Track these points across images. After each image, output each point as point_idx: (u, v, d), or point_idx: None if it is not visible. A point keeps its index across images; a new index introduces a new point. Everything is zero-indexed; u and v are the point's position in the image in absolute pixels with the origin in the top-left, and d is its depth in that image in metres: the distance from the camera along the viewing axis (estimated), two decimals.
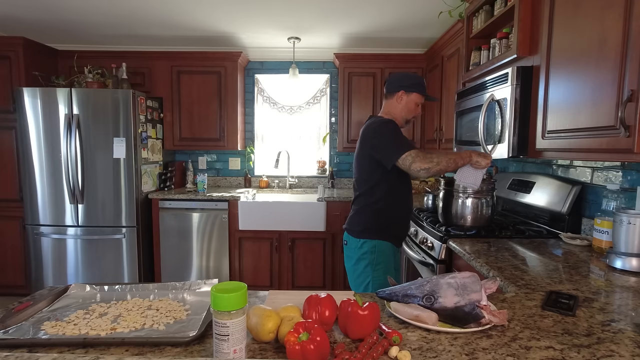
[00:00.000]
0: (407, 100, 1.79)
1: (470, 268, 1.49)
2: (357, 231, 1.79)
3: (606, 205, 1.50)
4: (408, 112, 1.81)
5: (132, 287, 1.08)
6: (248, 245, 3.21)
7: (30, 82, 3.12)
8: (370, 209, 1.77)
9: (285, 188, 3.78)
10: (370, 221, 1.77)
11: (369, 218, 1.77)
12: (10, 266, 3.24)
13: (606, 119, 1.17)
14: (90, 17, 2.84)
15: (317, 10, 2.68)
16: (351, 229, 1.82)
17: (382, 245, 1.75)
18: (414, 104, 1.80)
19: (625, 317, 0.92)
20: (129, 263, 3.05)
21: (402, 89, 1.78)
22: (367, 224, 1.77)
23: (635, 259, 1.24)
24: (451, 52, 2.72)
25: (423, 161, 1.57)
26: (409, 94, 1.79)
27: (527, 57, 1.66)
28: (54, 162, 2.98)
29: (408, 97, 1.79)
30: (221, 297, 0.69)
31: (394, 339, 0.77)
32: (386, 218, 1.77)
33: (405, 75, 1.81)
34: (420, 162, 1.56)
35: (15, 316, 0.88)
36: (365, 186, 1.77)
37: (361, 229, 1.78)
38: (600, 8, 1.20)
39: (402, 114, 1.81)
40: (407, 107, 1.80)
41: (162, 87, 3.43)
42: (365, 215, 1.78)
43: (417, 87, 1.79)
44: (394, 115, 1.80)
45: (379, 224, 1.76)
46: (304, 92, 3.82)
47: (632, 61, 1.06)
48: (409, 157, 1.58)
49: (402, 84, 1.78)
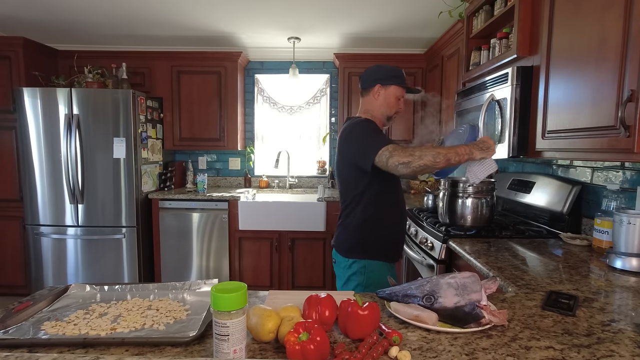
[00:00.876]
0: (385, 95, 1.59)
1: (470, 268, 1.49)
2: (345, 249, 1.60)
3: (606, 205, 1.50)
4: (388, 107, 1.61)
5: (132, 287, 1.08)
6: (248, 245, 3.21)
7: (30, 82, 3.12)
8: (357, 224, 1.56)
9: (285, 188, 3.78)
10: (358, 238, 1.57)
11: (356, 234, 1.57)
12: (10, 266, 3.24)
13: (606, 119, 1.17)
14: (90, 17, 2.84)
15: (317, 10, 2.68)
16: (339, 246, 1.63)
17: (373, 265, 1.56)
18: (393, 98, 1.60)
19: (625, 317, 0.92)
20: (129, 263, 3.05)
21: (378, 83, 1.58)
22: (355, 241, 1.57)
23: (635, 259, 1.24)
24: (451, 52, 2.72)
25: (402, 155, 1.35)
26: (387, 87, 1.59)
27: (527, 57, 1.66)
28: (54, 162, 2.98)
29: (386, 91, 1.59)
30: (221, 297, 0.69)
31: (394, 339, 0.77)
32: (375, 233, 1.56)
33: (380, 68, 1.62)
34: (398, 156, 1.35)
35: (15, 316, 0.88)
36: (349, 198, 1.59)
37: (349, 246, 1.59)
38: (600, 8, 1.20)
39: (382, 111, 1.61)
40: (386, 102, 1.60)
41: (162, 87, 3.43)
42: (352, 231, 1.58)
43: (394, 78, 1.59)
44: (373, 113, 1.61)
45: (368, 241, 1.56)
46: (304, 92, 3.82)
47: (632, 61, 1.06)
48: (385, 152, 1.37)
49: (377, 77, 1.59)
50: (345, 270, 1.59)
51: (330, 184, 3.74)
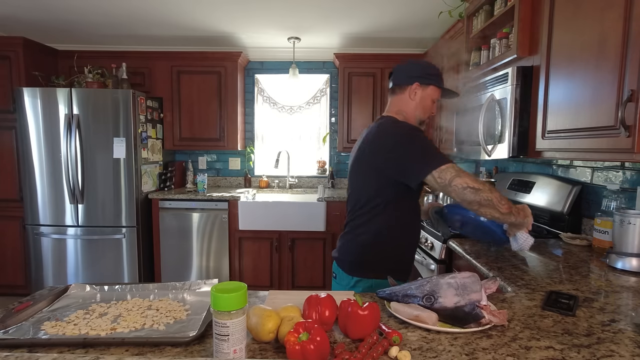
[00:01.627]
0: (422, 95, 1.39)
1: (470, 268, 1.49)
2: (350, 265, 1.38)
3: (606, 205, 1.50)
4: (423, 110, 1.42)
5: (132, 287, 1.08)
6: (248, 245, 3.21)
7: (30, 82, 3.11)
8: (368, 240, 1.35)
9: (285, 188, 3.78)
10: (369, 254, 1.36)
11: (367, 250, 1.35)
12: (10, 266, 3.24)
13: (606, 119, 1.17)
14: (90, 17, 2.84)
15: (317, 10, 2.68)
16: (342, 259, 1.40)
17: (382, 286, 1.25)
18: (430, 100, 1.41)
19: (625, 317, 0.92)
20: (129, 263, 3.05)
21: (417, 81, 1.38)
22: (364, 257, 1.36)
23: (635, 259, 1.24)
24: (451, 52, 2.72)
25: (471, 179, 1.19)
26: (425, 87, 1.39)
27: (527, 57, 1.66)
28: (54, 162, 2.98)
29: (423, 91, 1.39)
30: (221, 297, 0.69)
31: (394, 339, 0.77)
32: (390, 251, 1.36)
33: (419, 64, 1.43)
34: (468, 178, 1.18)
35: (15, 316, 0.88)
36: (364, 208, 1.36)
37: (355, 263, 1.37)
38: (600, 8, 1.20)
39: (416, 113, 1.41)
40: (422, 104, 1.40)
41: (162, 87, 3.43)
42: (361, 247, 1.36)
43: (434, 78, 1.40)
44: (406, 115, 1.40)
45: (380, 259, 1.35)
46: (304, 92, 3.82)
47: (632, 61, 1.07)
48: (450, 170, 1.19)
49: (416, 73, 1.39)
50: (347, 289, 1.38)
51: (330, 184, 3.74)
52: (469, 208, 1.22)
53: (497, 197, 1.20)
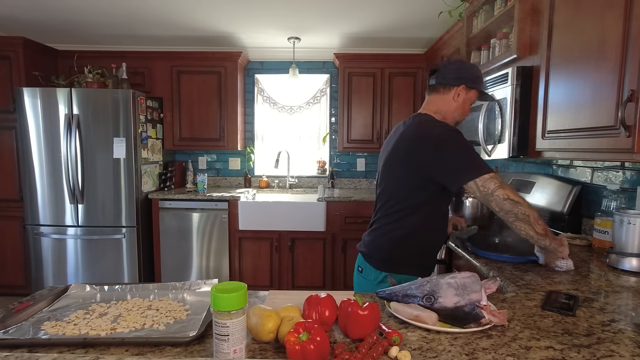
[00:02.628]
0: (465, 98, 1.37)
1: (471, 268, 1.49)
2: (379, 260, 1.40)
3: (606, 205, 1.50)
4: (462, 113, 1.40)
5: (132, 287, 1.08)
6: (248, 245, 3.21)
7: (30, 82, 3.11)
8: (399, 237, 1.37)
9: (285, 188, 3.78)
10: (400, 251, 1.38)
11: (395, 247, 1.38)
12: (10, 266, 3.24)
13: (606, 119, 1.17)
14: (90, 17, 2.84)
15: (317, 10, 2.68)
16: (371, 254, 1.42)
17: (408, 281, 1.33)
18: (470, 103, 1.40)
19: (625, 317, 0.92)
20: (129, 263, 3.05)
21: (464, 83, 1.35)
22: (395, 254, 1.38)
23: (635, 259, 1.24)
24: (451, 52, 2.72)
25: (513, 192, 1.20)
26: (469, 90, 1.37)
27: (527, 57, 1.66)
28: (54, 162, 2.98)
29: (467, 94, 1.37)
30: (221, 297, 0.69)
31: (394, 339, 0.77)
32: (419, 249, 1.39)
33: (466, 66, 1.40)
34: (509, 190, 1.19)
35: (15, 316, 0.88)
36: (396, 206, 1.37)
37: (385, 258, 1.39)
38: (600, 8, 1.20)
39: (455, 115, 1.39)
40: (463, 106, 1.39)
41: (162, 87, 3.43)
42: (392, 243, 1.38)
43: (479, 82, 1.39)
44: (445, 115, 1.38)
45: (409, 255, 1.38)
46: (304, 92, 3.82)
47: (632, 61, 1.06)
48: (494, 180, 1.20)
49: (464, 75, 1.36)
50: (374, 283, 1.39)
51: (330, 184, 3.74)
52: (505, 219, 1.22)
53: (534, 215, 1.19)
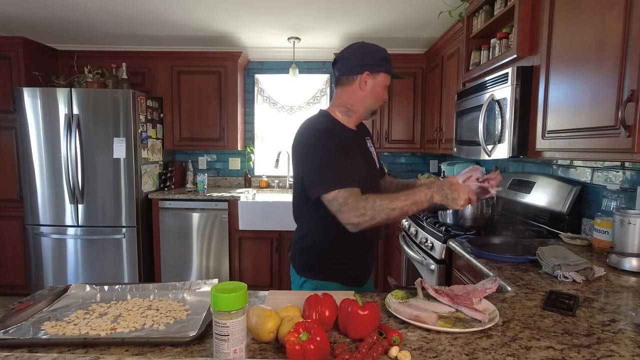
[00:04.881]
0: (373, 85, 1.26)
1: (471, 268, 1.49)
2: (299, 266, 1.35)
3: (606, 205, 1.50)
4: (375, 100, 1.29)
5: (132, 287, 1.08)
6: (248, 245, 3.21)
7: (30, 82, 3.11)
8: (307, 243, 1.32)
9: (285, 188, 3.78)
10: (311, 258, 1.32)
11: (307, 254, 1.33)
12: (10, 266, 3.24)
13: (606, 119, 1.17)
14: (90, 16, 2.84)
15: (317, 10, 2.68)
16: (293, 259, 1.39)
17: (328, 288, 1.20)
18: (381, 87, 1.28)
19: (625, 317, 0.92)
20: (129, 263, 3.05)
21: (367, 70, 1.24)
22: (307, 260, 1.33)
23: (635, 259, 1.24)
24: (451, 52, 2.72)
25: (352, 213, 1.09)
26: (376, 75, 1.26)
27: (527, 57, 1.66)
28: (54, 162, 2.98)
29: (374, 79, 1.26)
30: (221, 297, 0.69)
31: (394, 339, 0.77)
32: (331, 256, 1.30)
33: (367, 50, 1.28)
34: (348, 214, 1.09)
35: (15, 316, 0.88)
36: (298, 211, 1.35)
37: (302, 264, 1.34)
38: (600, 8, 1.20)
39: (367, 104, 1.29)
40: (373, 93, 1.27)
41: (162, 87, 3.43)
42: (303, 250, 1.34)
43: (384, 63, 1.27)
44: (354, 107, 1.29)
45: (322, 262, 1.31)
46: (304, 92, 3.82)
47: (632, 61, 1.06)
48: (335, 202, 1.11)
49: (366, 61, 1.25)
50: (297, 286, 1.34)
51: None
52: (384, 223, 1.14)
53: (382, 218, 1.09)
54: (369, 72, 1.25)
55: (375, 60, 1.26)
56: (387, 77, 1.29)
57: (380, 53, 1.28)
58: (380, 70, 1.26)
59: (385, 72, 1.28)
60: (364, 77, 1.25)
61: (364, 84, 1.26)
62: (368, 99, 1.28)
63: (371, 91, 1.27)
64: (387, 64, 1.28)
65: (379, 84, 1.28)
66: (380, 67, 1.26)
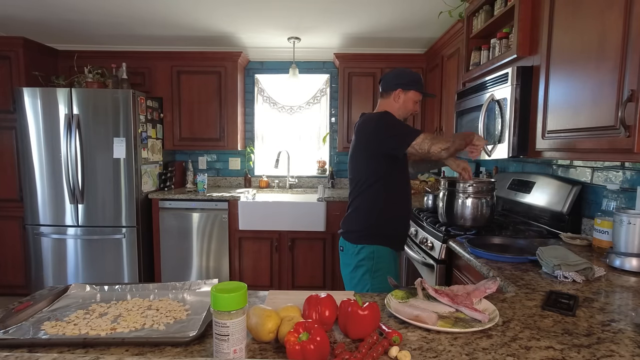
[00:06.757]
0: (404, 99, 1.71)
1: (471, 268, 1.49)
2: (355, 236, 1.69)
3: (606, 205, 1.50)
4: (405, 110, 1.73)
5: (132, 287, 1.08)
6: (248, 245, 3.21)
7: (30, 82, 3.11)
8: (368, 210, 1.67)
9: (285, 188, 3.78)
10: (369, 224, 1.67)
11: (366, 220, 1.68)
12: (10, 266, 3.24)
13: (606, 119, 1.17)
14: (90, 16, 2.84)
15: (317, 10, 2.68)
16: (347, 233, 1.73)
17: (382, 251, 1.66)
18: (411, 102, 1.72)
19: (625, 317, 0.92)
20: (129, 263, 3.05)
21: (400, 87, 1.70)
22: (365, 227, 1.68)
23: (635, 259, 1.24)
24: (451, 52, 2.72)
25: (442, 141, 1.53)
26: (407, 91, 1.70)
27: (527, 57, 1.66)
28: (54, 162, 2.98)
29: (405, 95, 1.70)
30: (221, 297, 0.69)
31: (394, 339, 0.77)
32: (385, 220, 1.67)
33: (402, 72, 1.73)
34: (440, 143, 1.52)
35: (15, 316, 0.88)
36: (362, 186, 1.69)
37: (358, 233, 1.69)
38: (600, 8, 1.20)
39: (399, 113, 1.72)
40: (404, 105, 1.72)
41: (162, 87, 3.43)
42: (363, 217, 1.69)
43: (414, 84, 1.71)
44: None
45: (378, 227, 1.67)
46: (304, 92, 3.82)
47: (632, 61, 1.06)
48: (426, 140, 1.53)
49: (399, 81, 1.70)
50: (353, 257, 1.67)
51: (330, 184, 3.74)
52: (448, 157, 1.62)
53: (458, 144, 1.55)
54: (401, 89, 1.70)
55: (407, 80, 1.71)
56: (417, 94, 1.72)
57: (412, 76, 1.73)
58: (411, 88, 1.71)
59: (415, 91, 1.71)
60: (397, 93, 1.71)
61: (398, 98, 1.72)
62: (400, 110, 1.73)
63: (403, 104, 1.72)
64: (417, 84, 1.72)
65: (409, 99, 1.72)
66: (410, 86, 1.71)
